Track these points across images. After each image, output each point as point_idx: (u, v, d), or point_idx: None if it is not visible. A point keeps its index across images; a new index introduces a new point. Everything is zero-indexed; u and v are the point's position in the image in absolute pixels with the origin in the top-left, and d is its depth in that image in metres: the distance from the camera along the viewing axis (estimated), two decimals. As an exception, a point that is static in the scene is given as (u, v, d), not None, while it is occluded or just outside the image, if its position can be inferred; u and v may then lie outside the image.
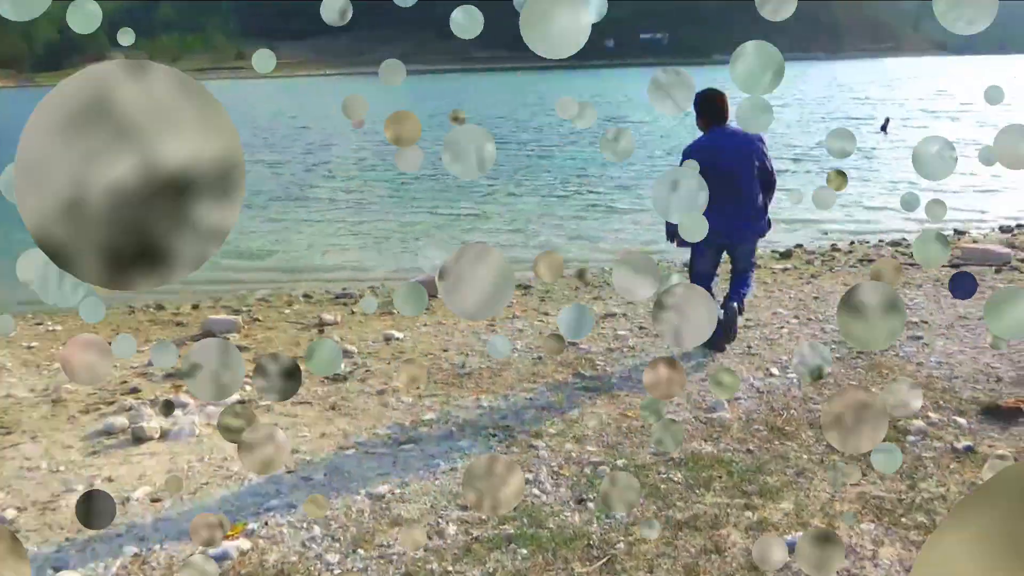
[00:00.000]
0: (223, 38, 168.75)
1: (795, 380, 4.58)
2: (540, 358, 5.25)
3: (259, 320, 6.80)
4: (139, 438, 4.10)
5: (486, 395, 4.57)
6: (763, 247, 9.41)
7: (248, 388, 4.57)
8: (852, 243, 9.50)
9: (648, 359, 5.14)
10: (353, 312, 6.96)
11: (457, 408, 4.38)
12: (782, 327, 5.75)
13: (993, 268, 7.36)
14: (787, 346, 5.28)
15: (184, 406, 4.54)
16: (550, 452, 3.72)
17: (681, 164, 5.35)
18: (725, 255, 5.27)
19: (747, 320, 5.97)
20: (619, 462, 3.55)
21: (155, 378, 5.19)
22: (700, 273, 5.11)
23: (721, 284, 5.49)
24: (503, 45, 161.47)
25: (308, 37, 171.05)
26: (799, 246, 9.33)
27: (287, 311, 7.17)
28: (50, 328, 6.67)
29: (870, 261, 8.11)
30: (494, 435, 3.96)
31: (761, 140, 5.05)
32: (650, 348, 5.37)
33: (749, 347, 5.27)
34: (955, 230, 10.03)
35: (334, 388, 4.81)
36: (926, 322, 5.67)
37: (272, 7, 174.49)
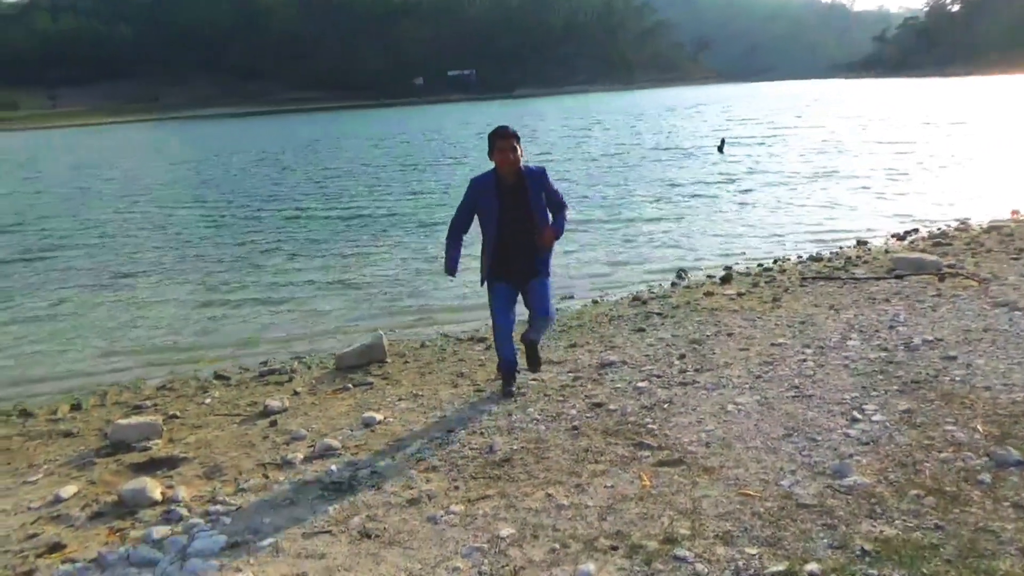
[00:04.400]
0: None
1: (887, 423, 4.09)
2: (576, 428, 4.42)
3: (178, 416, 5.38)
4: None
5: (553, 488, 3.67)
6: (697, 273, 9.18)
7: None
8: (775, 261, 9.46)
9: (696, 413, 4.48)
10: (297, 393, 5.72)
11: (531, 512, 3.44)
12: (803, 359, 5.31)
13: (937, 277, 7.46)
14: (831, 382, 4.82)
15: (152, 563, 3.24)
16: (707, 565, 2.90)
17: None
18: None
19: (751, 354, 5.50)
20: (807, 568, 2.81)
21: (77, 521, 3.77)
22: None
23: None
24: (309, 86, 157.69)
25: (92, 83, 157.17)
26: (729, 268, 9.16)
27: (207, 400, 5.78)
28: None
29: (813, 279, 8.01)
30: (615, 548, 3.07)
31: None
32: (688, 400, 4.70)
33: (796, 387, 4.75)
34: (857, 240, 10.35)
35: (348, 504, 3.69)
36: (940, 339, 5.47)
37: (45, 52, 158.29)
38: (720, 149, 24.40)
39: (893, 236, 10.56)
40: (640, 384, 5.08)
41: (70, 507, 3.95)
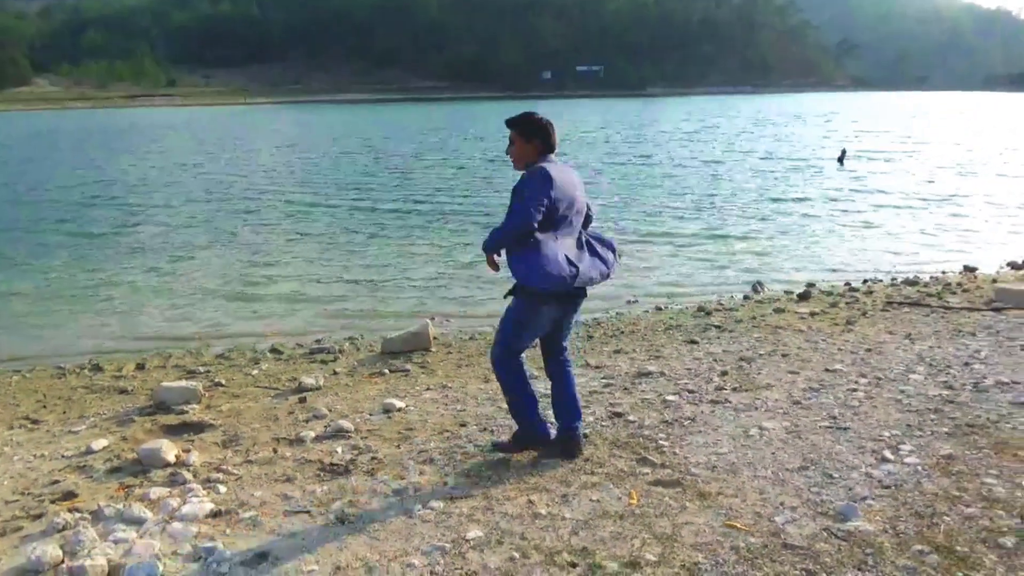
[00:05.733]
0: (153, 64, 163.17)
1: (919, 467, 3.73)
2: (586, 436, 4.28)
3: (222, 385, 5.63)
4: (78, 581, 2.96)
5: (537, 495, 3.57)
6: (775, 287, 8.74)
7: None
8: (865, 282, 8.86)
9: (715, 434, 4.25)
10: (336, 373, 5.86)
11: (506, 518, 3.37)
12: (854, 389, 4.93)
13: (1040, 312, 6.76)
14: (875, 416, 4.45)
15: (141, 522, 3.40)
16: (662, 594, 2.74)
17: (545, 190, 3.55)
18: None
19: (799, 378, 5.16)
20: (766, 611, 2.60)
21: (96, 474, 4.01)
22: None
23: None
24: (442, 76, 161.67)
25: (241, 64, 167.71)
26: (811, 285, 8.65)
27: (254, 372, 6.02)
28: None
29: (899, 304, 7.44)
30: (573, 565, 2.95)
31: None
32: (712, 420, 4.47)
33: (834, 418, 4.42)
34: (965, 266, 9.52)
35: (336, 486, 3.74)
36: (1018, 382, 4.94)
37: (205, 33, 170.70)
38: (840, 161, 23.08)
39: (1008, 264, 9.64)
40: (669, 397, 4.88)
41: (96, 459, 4.20)
